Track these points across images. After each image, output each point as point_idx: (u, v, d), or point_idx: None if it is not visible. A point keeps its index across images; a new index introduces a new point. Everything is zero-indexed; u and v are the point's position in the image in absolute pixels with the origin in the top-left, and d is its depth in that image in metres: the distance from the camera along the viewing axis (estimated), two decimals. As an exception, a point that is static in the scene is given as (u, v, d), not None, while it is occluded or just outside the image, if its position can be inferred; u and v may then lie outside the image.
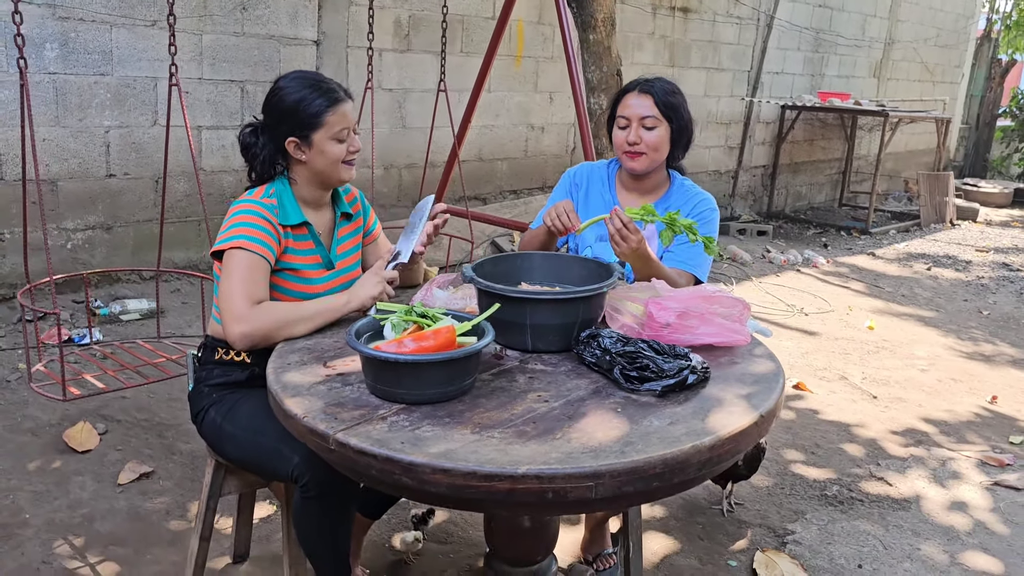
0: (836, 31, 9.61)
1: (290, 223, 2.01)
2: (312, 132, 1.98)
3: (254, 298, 1.89)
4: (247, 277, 1.89)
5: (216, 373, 2.07)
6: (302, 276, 2.03)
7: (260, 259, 1.92)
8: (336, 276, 2.11)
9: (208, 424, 2.04)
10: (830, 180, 10.49)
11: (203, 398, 2.07)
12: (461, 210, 4.08)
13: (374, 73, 5.41)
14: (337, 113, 1.98)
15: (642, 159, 2.30)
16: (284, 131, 2.00)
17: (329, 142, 1.99)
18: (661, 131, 2.30)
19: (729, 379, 1.69)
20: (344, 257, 2.15)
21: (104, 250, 4.46)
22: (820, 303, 5.93)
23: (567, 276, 2.01)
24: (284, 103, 1.99)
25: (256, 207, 1.96)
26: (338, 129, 1.99)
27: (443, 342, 1.55)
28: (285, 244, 2.00)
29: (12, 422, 3.23)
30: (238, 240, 1.91)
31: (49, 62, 4.08)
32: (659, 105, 2.29)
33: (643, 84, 2.33)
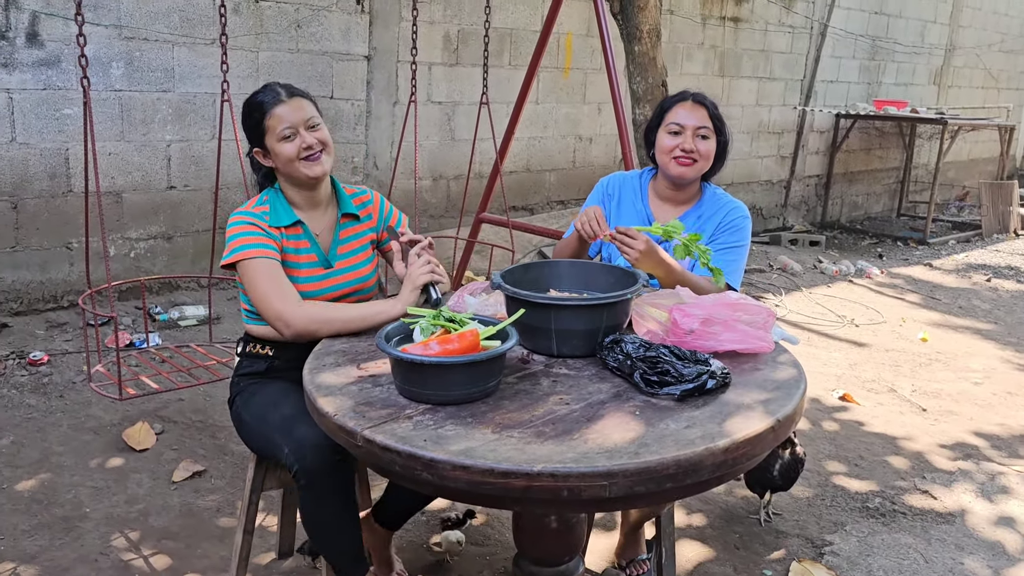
0: (893, 38, 9.44)
1: (283, 224, 2.11)
2: (263, 139, 2.09)
3: (289, 297, 2.02)
4: (272, 282, 2.02)
5: (244, 364, 2.22)
6: (298, 275, 2.11)
7: (270, 261, 2.04)
8: (335, 275, 2.17)
9: (233, 414, 2.19)
10: (888, 190, 10.29)
11: (233, 387, 2.22)
12: (502, 220, 4.16)
13: (424, 87, 5.54)
14: (274, 116, 2.07)
15: (695, 167, 2.35)
16: (250, 144, 2.14)
17: (278, 144, 2.07)
18: (712, 143, 2.36)
19: (749, 385, 1.72)
20: (346, 257, 2.21)
21: (165, 258, 4.66)
22: (872, 314, 5.84)
23: (594, 283, 2.06)
24: (244, 114, 2.13)
25: (246, 217, 2.08)
26: (280, 129, 2.06)
27: (467, 345, 1.61)
28: (283, 244, 2.10)
29: (76, 421, 3.40)
30: (242, 251, 2.03)
31: (115, 80, 4.29)
32: (712, 118, 2.36)
33: (696, 95, 2.39)
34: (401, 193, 5.26)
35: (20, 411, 3.45)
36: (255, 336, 2.21)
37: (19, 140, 4.08)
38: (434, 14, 5.51)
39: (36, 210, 4.19)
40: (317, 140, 2.10)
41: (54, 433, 3.30)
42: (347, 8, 5.08)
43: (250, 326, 2.22)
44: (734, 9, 7.58)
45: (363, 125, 5.33)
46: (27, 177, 4.13)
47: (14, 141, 4.06)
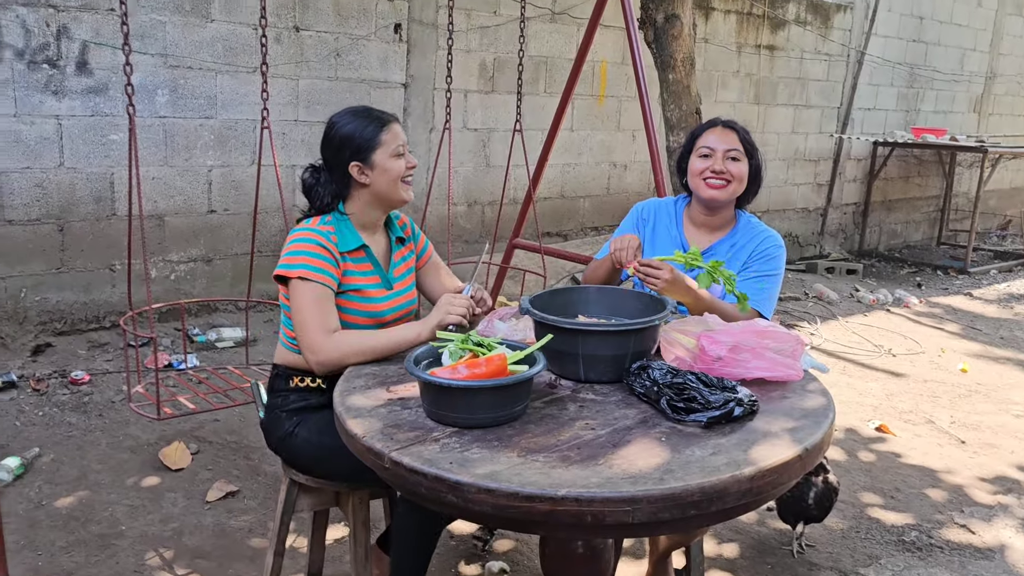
0: (932, 66, 9.36)
1: (348, 248, 2.13)
2: (372, 153, 2.12)
3: (327, 328, 2.02)
4: (317, 309, 2.02)
5: (293, 399, 2.19)
6: (366, 296, 2.14)
7: (325, 288, 2.05)
8: (395, 296, 2.22)
9: (301, 444, 2.14)
10: (927, 218, 10.15)
11: (283, 423, 2.18)
12: (534, 245, 4.18)
13: (460, 114, 5.61)
14: (391, 132, 2.13)
15: (727, 188, 2.35)
16: (346, 158, 2.13)
17: (390, 159, 2.12)
18: (743, 165, 2.37)
19: (777, 413, 1.71)
20: (401, 279, 2.27)
21: (204, 281, 4.76)
22: (910, 344, 5.74)
23: (622, 309, 2.07)
24: (342, 132, 2.13)
25: (314, 235, 2.08)
26: (395, 146, 2.13)
27: (495, 369, 1.63)
28: (344, 268, 2.11)
29: (114, 440, 3.47)
30: (300, 270, 2.03)
31: (160, 107, 4.42)
32: (743, 141, 2.39)
33: (725, 121, 2.43)
34: (436, 219, 5.32)
35: (61, 429, 3.53)
36: (301, 368, 2.17)
37: (67, 165, 4.21)
38: (470, 43, 5.59)
39: (81, 233, 4.32)
40: (416, 162, 2.21)
41: (93, 451, 3.37)
42: (385, 37, 5.19)
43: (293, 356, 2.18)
44: (769, 37, 7.58)
45: (399, 151, 5.41)
46: (74, 201, 4.26)
47: (62, 166, 4.20)
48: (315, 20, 4.87)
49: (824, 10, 8.05)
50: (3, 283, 4.15)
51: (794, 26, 7.76)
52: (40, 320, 4.25)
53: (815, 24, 7.97)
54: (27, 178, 4.12)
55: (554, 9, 6.02)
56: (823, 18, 8.04)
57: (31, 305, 4.23)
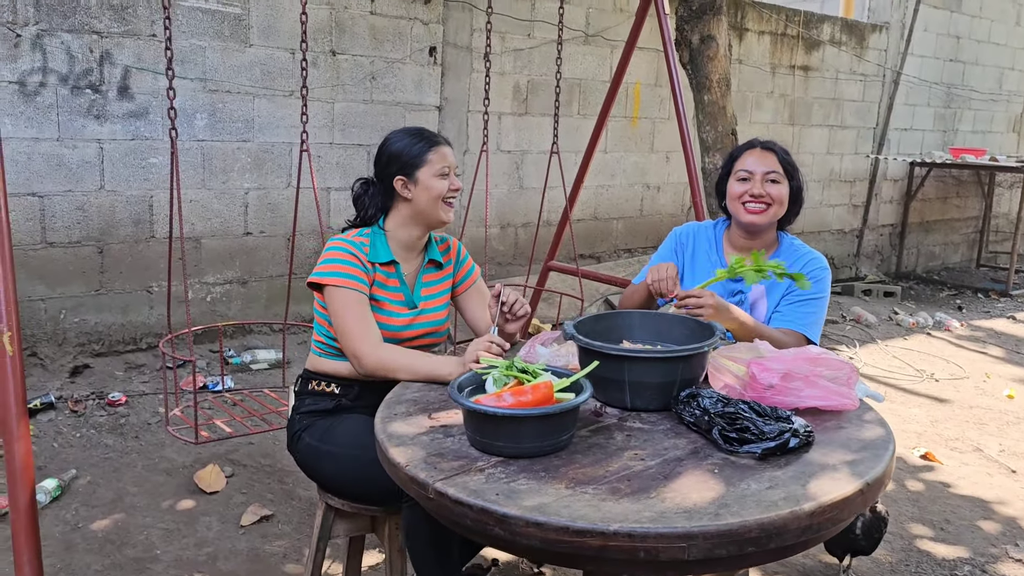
0: (970, 85, 9.22)
1: (380, 260, 2.20)
2: (416, 170, 2.19)
3: (372, 335, 2.10)
4: (359, 315, 2.10)
5: (308, 402, 2.27)
6: (386, 309, 2.20)
7: (361, 295, 2.13)
8: (418, 315, 2.26)
9: (304, 448, 2.22)
10: (966, 239, 9.96)
11: (295, 424, 2.27)
12: (571, 268, 4.14)
13: (494, 136, 5.62)
14: (438, 152, 2.20)
15: (768, 211, 2.32)
16: (393, 171, 2.21)
17: (433, 178, 2.19)
18: (784, 188, 2.33)
19: (834, 444, 1.65)
20: (427, 300, 2.30)
21: (239, 303, 4.78)
22: (953, 369, 5.60)
23: (668, 335, 2.02)
24: (392, 148, 2.22)
25: (348, 245, 2.17)
26: (440, 166, 2.19)
27: (540, 397, 1.59)
28: (374, 278, 2.18)
29: (150, 462, 3.47)
30: (336, 278, 2.11)
31: (199, 130, 4.47)
32: (782, 163, 2.34)
33: (764, 143, 2.39)
34: (470, 241, 5.31)
35: (98, 451, 3.54)
36: (322, 373, 2.27)
37: (107, 188, 4.26)
38: (504, 65, 5.60)
39: (120, 255, 4.36)
40: (460, 185, 2.25)
41: (129, 473, 3.37)
42: (420, 60, 5.21)
43: (320, 360, 2.27)
44: (804, 58, 7.52)
45: (433, 174, 5.42)
46: (113, 223, 4.31)
47: (103, 189, 4.25)
48: (351, 44, 4.91)
49: (859, 30, 7.97)
50: (43, 304, 4.19)
51: (829, 46, 7.70)
52: (79, 341, 4.29)
53: (850, 44, 7.90)
54: (68, 201, 4.17)
55: (587, 31, 6.02)
56: (858, 38, 7.96)
57: (70, 327, 4.26)
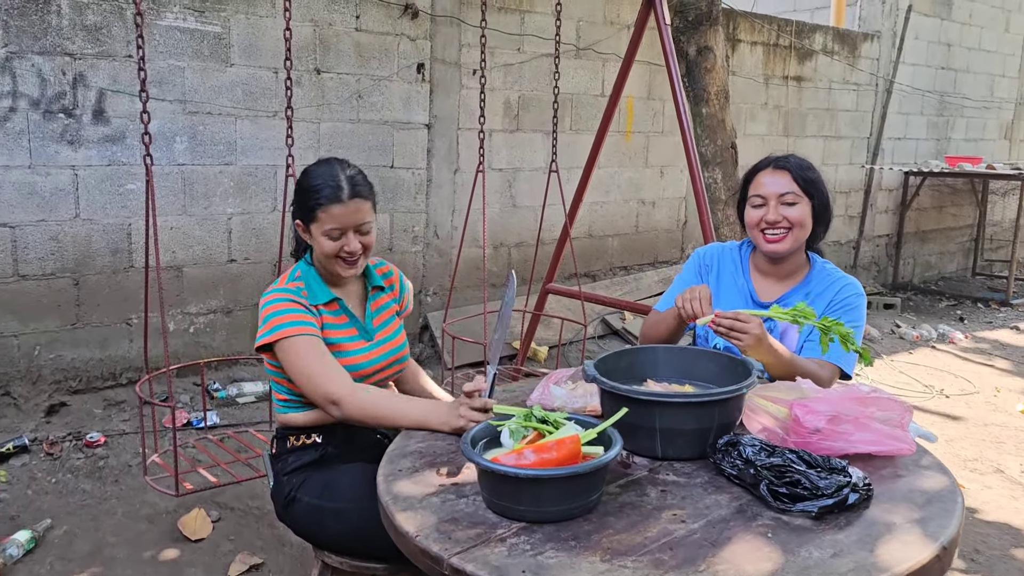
0: (962, 93, 9.15)
1: (320, 301, 2.02)
2: (310, 223, 2.00)
3: (340, 378, 1.91)
4: (320, 360, 1.91)
5: (291, 460, 2.07)
6: (343, 350, 2.02)
7: (315, 338, 1.93)
8: (376, 346, 2.09)
9: (302, 510, 2.01)
10: (962, 248, 9.87)
11: (284, 487, 2.06)
12: (574, 291, 3.97)
13: (485, 154, 5.44)
14: (329, 212, 1.96)
15: (786, 239, 2.12)
16: (295, 211, 2.05)
17: (321, 236, 1.99)
18: (803, 207, 2.13)
19: (895, 497, 1.47)
20: (381, 328, 2.14)
21: (224, 333, 4.57)
22: (962, 383, 5.46)
23: (697, 372, 1.85)
24: (299, 185, 2.04)
25: (284, 295, 1.98)
26: (328, 227, 1.97)
27: (567, 454, 1.40)
28: (322, 321, 2.00)
29: (131, 508, 3.25)
30: (284, 329, 1.92)
31: (178, 154, 4.27)
32: (798, 181, 2.14)
33: (776, 160, 2.19)
34: (464, 262, 5.12)
35: (75, 497, 3.32)
36: (296, 426, 2.08)
37: (83, 216, 4.05)
38: (494, 81, 5.44)
39: (97, 286, 4.14)
40: (361, 246, 2.02)
41: (108, 522, 3.15)
42: (408, 78, 5.04)
43: (290, 416, 2.08)
44: (797, 68, 7.41)
45: (423, 194, 5.24)
46: (89, 253, 4.09)
47: (78, 217, 4.04)
48: (336, 62, 4.74)
49: (851, 39, 7.88)
50: (16, 341, 3.96)
51: (821, 56, 7.59)
52: (54, 379, 4.06)
53: (842, 54, 7.80)
54: (42, 231, 3.96)
55: (579, 45, 5.88)
56: (850, 47, 7.87)
57: (45, 363, 4.04)
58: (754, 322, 1.87)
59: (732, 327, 1.87)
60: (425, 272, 5.36)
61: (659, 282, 6.35)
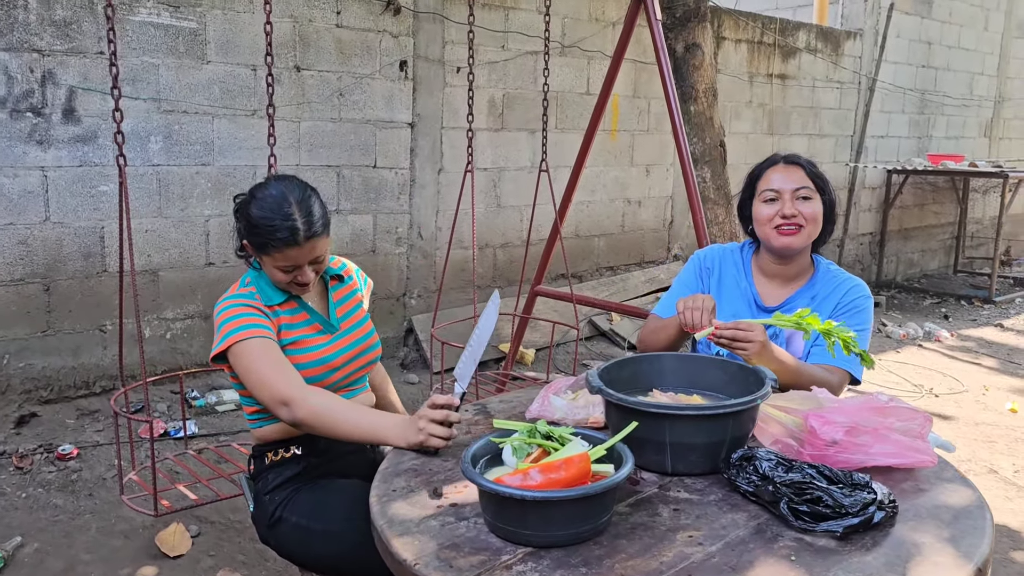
0: (942, 91, 9.17)
1: (276, 301, 1.91)
2: (260, 252, 1.88)
3: (293, 380, 1.79)
4: (272, 362, 1.80)
5: (271, 477, 1.96)
6: (306, 345, 1.92)
7: (267, 340, 1.82)
8: (341, 337, 1.99)
9: (288, 531, 1.90)
10: (943, 246, 9.89)
11: (268, 506, 1.94)
12: (565, 293, 3.88)
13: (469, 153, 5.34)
14: (284, 254, 1.84)
15: (801, 233, 2.05)
16: (243, 232, 1.92)
17: (272, 268, 1.88)
18: (816, 204, 2.07)
19: (921, 514, 1.39)
20: (346, 318, 2.03)
21: (202, 339, 4.43)
22: (950, 382, 5.43)
23: (705, 382, 1.76)
24: (250, 211, 1.87)
25: (235, 300, 1.88)
26: (282, 264, 1.86)
27: (575, 473, 1.31)
28: (278, 322, 1.90)
29: (106, 524, 3.12)
30: (235, 335, 1.80)
31: (153, 155, 4.13)
32: (811, 176, 2.08)
33: (787, 156, 2.13)
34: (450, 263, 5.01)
35: (46, 513, 3.18)
36: (273, 441, 1.97)
37: (53, 219, 3.90)
38: (478, 79, 5.34)
39: (69, 292, 3.99)
40: (314, 274, 1.92)
41: (81, 538, 3.02)
42: (390, 75, 4.93)
43: (263, 430, 1.98)
44: (781, 66, 7.37)
45: (407, 194, 5.13)
46: (61, 257, 3.95)
47: (48, 220, 3.89)
48: (316, 59, 4.61)
49: (834, 37, 7.86)
50: (-16, 349, 3.82)
51: (805, 54, 7.56)
52: (24, 388, 3.91)
53: (826, 52, 7.77)
54: (9, 235, 3.81)
55: (563, 42, 5.79)
56: (833, 45, 7.84)
57: (14, 372, 3.89)
58: (757, 330, 1.79)
59: (734, 337, 1.78)
60: (409, 274, 5.24)
61: (646, 282, 6.28)
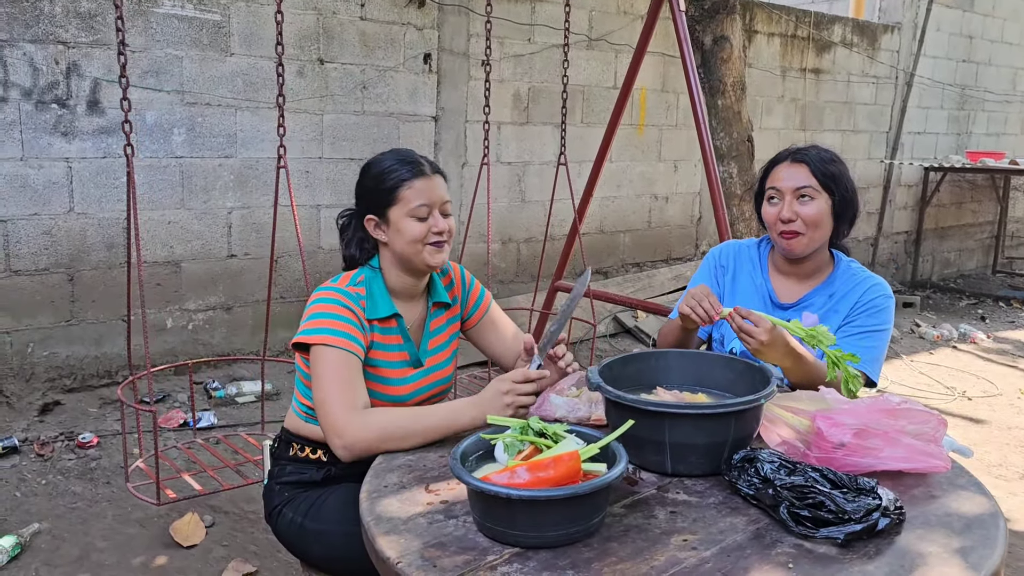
0: (983, 86, 8.93)
1: (378, 316, 1.80)
2: (389, 208, 1.79)
3: (355, 404, 1.68)
4: (343, 380, 1.69)
5: (289, 470, 1.91)
6: (385, 376, 1.81)
7: (352, 357, 1.71)
8: (424, 375, 1.88)
9: (285, 525, 1.87)
10: (981, 245, 9.65)
11: (275, 496, 1.90)
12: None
13: (494, 147, 5.31)
14: (414, 188, 1.77)
15: (799, 240, 1.95)
16: (363, 208, 1.84)
17: (406, 219, 1.78)
18: (820, 204, 1.95)
19: (930, 522, 1.33)
20: (435, 353, 1.92)
21: (223, 330, 4.45)
22: (984, 385, 5.28)
23: (711, 379, 1.71)
24: (366, 177, 1.83)
25: (340, 296, 1.76)
26: (416, 205, 1.77)
27: (565, 472, 1.27)
28: (371, 339, 1.79)
29: (122, 512, 3.14)
30: (324, 335, 1.71)
31: (176, 146, 4.15)
32: (816, 174, 1.96)
33: (796, 153, 2.02)
34: (470, 258, 4.99)
35: (64, 499, 3.21)
36: (304, 437, 1.90)
37: (77, 210, 3.94)
38: (503, 72, 5.30)
39: (92, 282, 4.04)
40: (448, 228, 1.82)
41: (97, 526, 3.04)
42: (414, 68, 4.91)
43: (303, 424, 1.90)
44: (815, 61, 7.23)
45: (429, 188, 5.10)
46: (84, 248, 3.99)
47: (72, 211, 3.93)
48: (340, 52, 4.61)
49: (871, 31, 7.68)
50: (9, 338, 3.86)
51: (840, 48, 7.41)
52: (48, 376, 3.96)
53: (862, 46, 7.61)
54: (35, 225, 3.86)
55: (591, 35, 5.73)
56: (870, 39, 7.68)
57: (39, 361, 3.94)
58: (764, 324, 1.72)
59: (741, 327, 1.72)
60: (431, 268, 5.22)
61: (672, 279, 6.20)
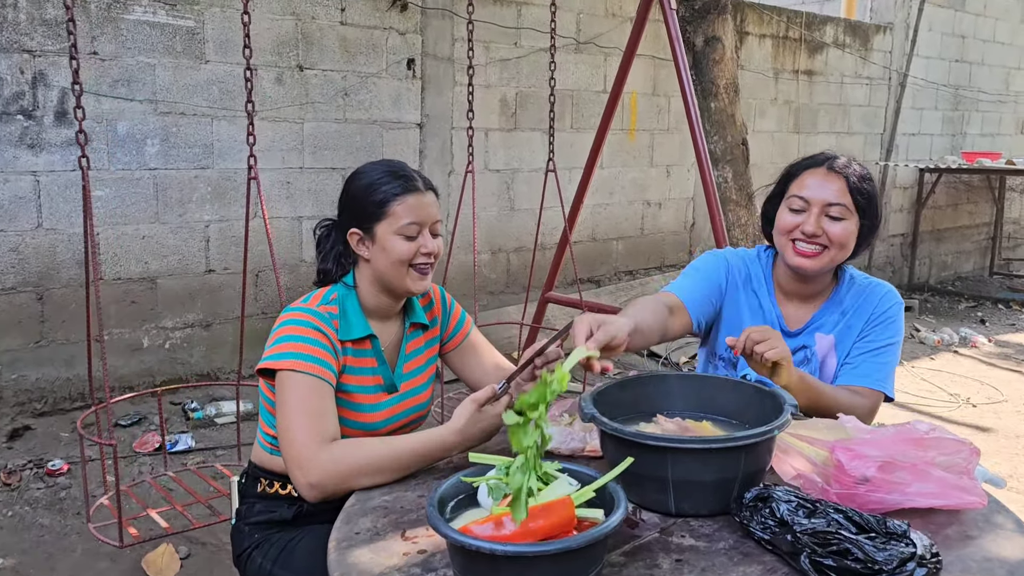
0: (977, 87, 8.84)
1: (352, 337, 1.65)
2: (376, 223, 1.64)
3: (324, 435, 1.52)
4: (311, 409, 1.53)
5: (258, 508, 1.74)
6: (357, 401, 1.66)
7: (323, 383, 1.56)
8: (398, 401, 1.73)
9: (254, 570, 1.70)
10: (978, 247, 9.55)
11: (244, 538, 1.74)
12: (574, 299, 3.68)
13: (481, 154, 5.16)
14: (406, 204, 1.63)
15: (821, 256, 1.76)
16: (347, 220, 1.69)
17: (393, 237, 1.63)
18: (849, 225, 1.76)
19: (969, 569, 1.18)
20: (411, 377, 1.77)
21: (202, 348, 4.29)
22: (989, 391, 5.15)
23: (717, 405, 1.55)
24: (354, 187, 1.68)
25: (310, 317, 1.61)
26: (406, 222, 1.63)
27: (556, 521, 1.11)
28: (343, 362, 1.64)
29: (91, 545, 2.97)
30: (291, 360, 1.55)
31: (150, 158, 3.99)
32: (853, 192, 1.76)
33: (833, 160, 1.80)
34: (458, 269, 4.84)
35: (31, 533, 3.04)
36: (272, 471, 1.74)
37: (45, 226, 3.77)
38: (490, 77, 5.16)
39: (63, 301, 3.87)
40: (437, 250, 1.69)
41: (65, 561, 2.87)
42: (397, 74, 4.76)
43: (269, 457, 1.74)
44: (807, 62, 7.12)
45: (415, 197, 4.96)
46: (54, 265, 3.82)
47: (40, 227, 3.76)
48: (320, 58, 4.46)
49: (863, 31, 7.58)
50: (-25, 360, 3.70)
51: (832, 49, 7.30)
52: (17, 400, 3.79)
53: (854, 47, 7.50)
54: (1, 242, 3.69)
55: (579, 39, 5.59)
56: (862, 40, 7.57)
57: (7, 384, 3.76)
58: (778, 341, 1.56)
59: (755, 349, 1.56)
60: (419, 280, 5.07)
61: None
